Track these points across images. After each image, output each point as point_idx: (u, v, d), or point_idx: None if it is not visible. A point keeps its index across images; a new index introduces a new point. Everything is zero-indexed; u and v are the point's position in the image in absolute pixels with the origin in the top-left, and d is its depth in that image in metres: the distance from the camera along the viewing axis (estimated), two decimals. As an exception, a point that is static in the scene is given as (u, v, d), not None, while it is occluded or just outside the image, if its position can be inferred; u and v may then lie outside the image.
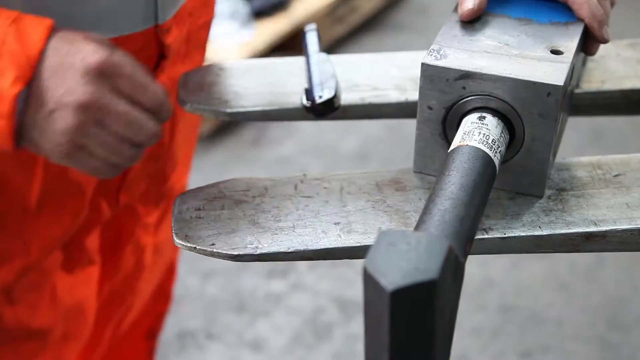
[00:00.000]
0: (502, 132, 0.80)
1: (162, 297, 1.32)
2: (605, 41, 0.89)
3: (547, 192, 0.85)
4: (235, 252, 0.79)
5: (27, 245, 0.97)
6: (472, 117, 0.81)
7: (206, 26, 1.06)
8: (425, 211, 0.73)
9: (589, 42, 0.90)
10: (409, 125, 0.89)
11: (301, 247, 0.80)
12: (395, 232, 0.65)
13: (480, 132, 0.78)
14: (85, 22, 0.84)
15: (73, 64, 0.75)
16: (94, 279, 1.09)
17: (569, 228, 0.81)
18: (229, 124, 2.73)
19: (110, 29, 0.87)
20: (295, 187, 0.86)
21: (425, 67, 0.82)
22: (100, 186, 1.01)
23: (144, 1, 0.89)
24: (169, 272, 1.30)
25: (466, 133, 0.79)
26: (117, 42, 0.83)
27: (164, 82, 0.97)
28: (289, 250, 0.79)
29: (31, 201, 0.94)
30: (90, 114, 0.76)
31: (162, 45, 0.94)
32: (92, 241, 1.06)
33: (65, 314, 1.06)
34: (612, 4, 0.92)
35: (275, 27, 2.81)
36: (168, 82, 0.98)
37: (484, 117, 0.80)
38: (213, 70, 1.02)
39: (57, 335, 1.06)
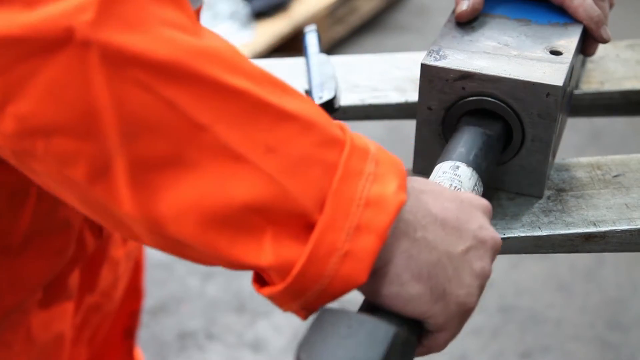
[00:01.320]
0: (475, 183, 0.76)
1: (133, 294, 1.26)
2: (604, 41, 0.89)
3: (547, 192, 0.85)
4: (236, 253, 0.79)
5: (12, 286, 0.89)
6: (445, 166, 0.77)
7: None
8: None
9: (588, 43, 0.90)
10: (409, 126, 0.89)
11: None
12: (337, 312, 0.57)
13: (451, 184, 0.75)
14: None
15: (472, 203, 0.66)
16: (70, 312, 1.02)
17: (569, 228, 0.81)
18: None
19: None
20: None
21: (424, 67, 0.82)
22: (86, 220, 0.93)
23: None
24: (137, 269, 1.23)
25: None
26: None
27: None
28: None
29: (15, 240, 0.86)
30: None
31: None
32: (74, 277, 0.99)
33: (41, 351, 0.99)
34: (611, 5, 0.92)
35: (275, 28, 2.81)
36: None
37: (458, 167, 0.76)
38: (213, 71, 1.02)
39: None
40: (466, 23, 0.88)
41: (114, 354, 1.30)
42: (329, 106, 0.94)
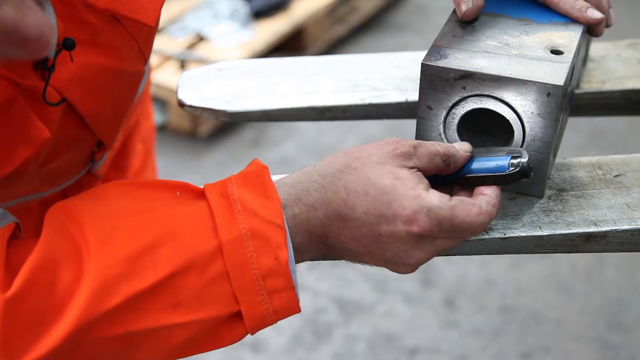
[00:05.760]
0: None
1: None
2: (593, 21, 0.88)
3: (548, 192, 0.85)
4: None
5: None
6: None
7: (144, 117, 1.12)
8: None
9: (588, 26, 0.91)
10: (409, 126, 0.89)
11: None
12: None
13: None
14: None
15: (394, 232, 0.74)
16: None
17: (569, 228, 0.81)
18: (229, 124, 2.73)
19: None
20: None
21: (425, 67, 0.82)
22: None
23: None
24: None
25: None
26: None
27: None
28: None
29: None
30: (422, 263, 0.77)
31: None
32: None
33: None
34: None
35: (275, 27, 2.81)
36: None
37: None
38: (213, 70, 1.02)
39: None
40: (467, 22, 0.88)
41: None
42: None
